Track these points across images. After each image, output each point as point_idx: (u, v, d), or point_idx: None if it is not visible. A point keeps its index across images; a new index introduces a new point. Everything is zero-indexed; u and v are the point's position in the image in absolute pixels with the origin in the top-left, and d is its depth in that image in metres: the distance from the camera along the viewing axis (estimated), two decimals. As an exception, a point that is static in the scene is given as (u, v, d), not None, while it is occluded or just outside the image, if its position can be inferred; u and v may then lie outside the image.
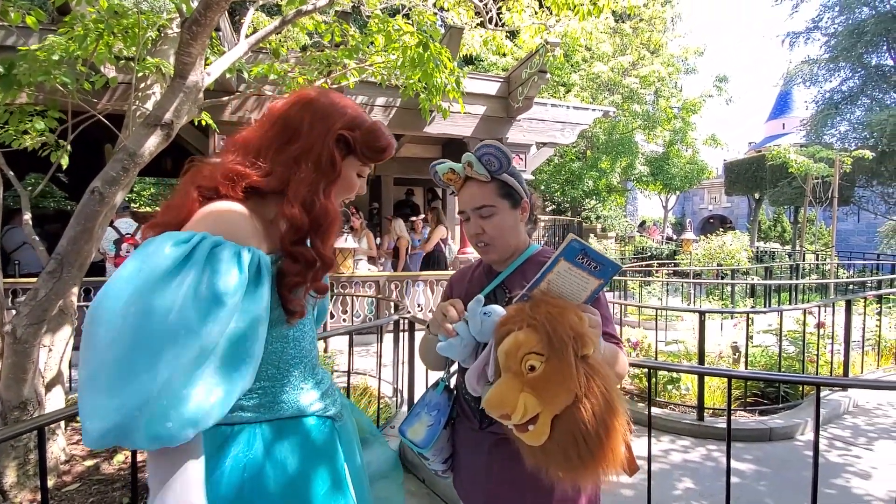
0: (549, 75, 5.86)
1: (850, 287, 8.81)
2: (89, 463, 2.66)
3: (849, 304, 4.26)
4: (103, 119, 3.03)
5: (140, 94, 3.02)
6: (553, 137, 7.08)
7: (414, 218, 8.21)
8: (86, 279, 2.75)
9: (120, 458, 2.72)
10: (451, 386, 1.32)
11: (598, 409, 0.84)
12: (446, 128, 6.35)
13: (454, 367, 1.31)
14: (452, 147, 8.85)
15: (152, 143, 2.25)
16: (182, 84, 2.20)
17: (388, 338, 3.79)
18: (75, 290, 2.60)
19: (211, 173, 0.87)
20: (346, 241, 6.09)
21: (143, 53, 2.86)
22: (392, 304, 5.60)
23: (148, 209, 19.91)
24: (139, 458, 2.64)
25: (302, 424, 0.92)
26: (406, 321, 3.31)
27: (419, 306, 6.82)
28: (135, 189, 19.31)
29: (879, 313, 5.03)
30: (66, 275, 2.27)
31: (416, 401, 1.31)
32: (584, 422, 0.83)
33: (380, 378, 3.54)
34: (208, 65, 2.61)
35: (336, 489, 0.91)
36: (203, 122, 3.52)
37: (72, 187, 11.30)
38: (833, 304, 4.67)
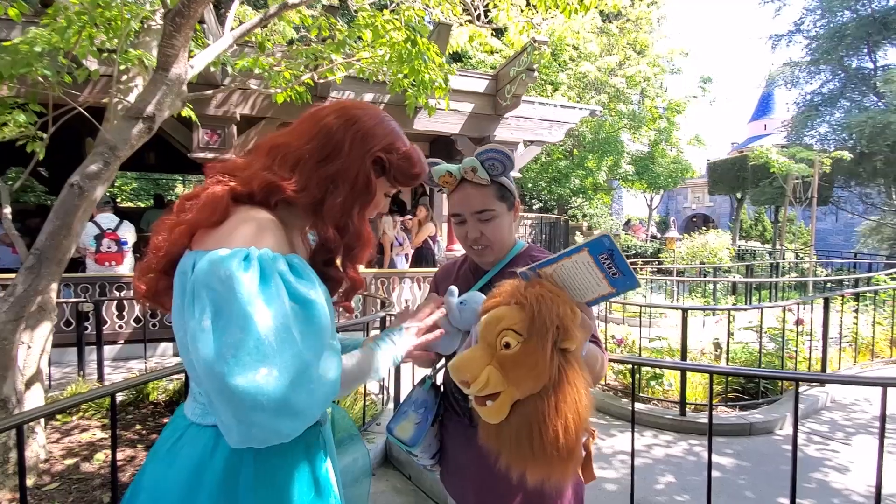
0: (536, 73, 5.88)
1: (828, 285, 9.01)
2: (69, 462, 2.62)
3: (827, 301, 4.37)
4: (84, 112, 2.96)
5: (122, 86, 2.96)
6: (540, 136, 7.12)
7: (401, 218, 8.19)
8: (65, 275, 2.70)
9: (100, 456, 2.68)
10: (438, 383, 1.33)
11: (562, 406, 0.80)
12: (434, 125, 6.34)
13: (440, 364, 1.31)
14: (440, 144, 8.84)
15: (134, 137, 2.22)
16: (165, 76, 2.17)
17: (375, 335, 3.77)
18: (54, 285, 2.54)
19: (245, 178, 0.86)
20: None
21: (125, 45, 2.81)
22: (378, 300, 5.58)
23: (130, 204, 19.56)
24: (119, 456, 2.61)
25: None
26: (393, 318, 3.31)
27: (406, 302, 6.81)
28: (116, 184, 18.95)
29: (856, 311, 5.16)
30: (45, 270, 2.22)
31: (402, 399, 1.30)
32: (544, 414, 0.80)
33: (366, 375, 3.53)
34: (192, 57, 2.58)
35: (321, 495, 0.91)
36: (184, 114, 3.46)
37: (52, 182, 11.04)
38: (812, 301, 4.78)
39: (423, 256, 7.50)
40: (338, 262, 0.98)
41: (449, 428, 1.27)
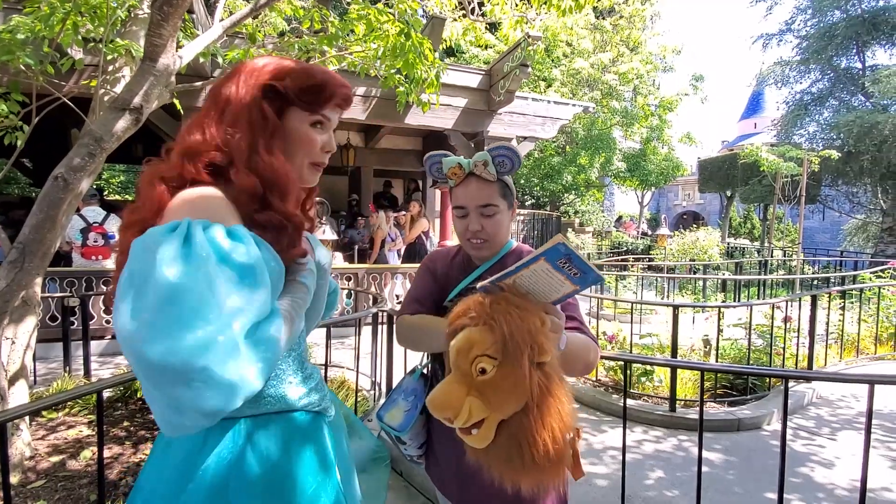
0: (530, 69, 5.86)
1: (815, 282, 9.15)
2: (55, 459, 2.58)
3: (814, 299, 4.42)
4: (69, 102, 2.90)
5: (109, 77, 2.90)
6: (534, 132, 7.11)
7: (395, 214, 8.17)
8: (50, 269, 2.65)
9: (87, 454, 2.64)
10: (427, 373, 1.34)
11: (547, 420, 0.80)
12: (427, 120, 6.31)
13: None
14: (432, 139, 8.80)
15: (120, 128, 2.17)
16: (152, 67, 2.12)
17: (366, 331, 3.76)
18: (39, 280, 2.49)
19: (171, 165, 0.86)
20: (324, 233, 6.02)
21: (111, 35, 2.75)
22: (371, 296, 5.56)
23: (118, 197, 19.31)
24: (106, 454, 2.57)
25: (290, 419, 0.90)
26: (384, 314, 3.29)
27: (397, 298, 6.79)
28: (103, 176, 18.71)
29: (843, 308, 5.23)
30: (29, 264, 2.18)
31: (393, 388, 1.31)
32: (531, 431, 0.80)
33: (358, 371, 3.51)
34: (180, 48, 2.53)
35: (323, 487, 0.89)
36: (176, 106, 3.40)
37: (36, 173, 10.89)
38: (799, 298, 4.83)
39: (415, 252, 7.49)
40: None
41: (435, 420, 1.28)
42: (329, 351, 3.12)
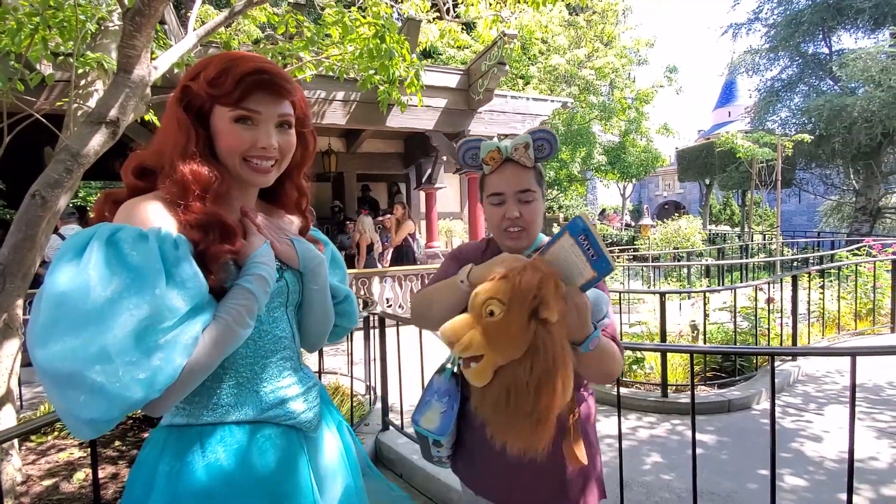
0: (507, 67, 5.90)
1: (795, 264, 9.33)
2: (48, 483, 2.52)
3: (795, 279, 4.52)
4: (42, 119, 2.84)
5: (81, 91, 2.85)
6: (514, 129, 7.16)
7: (381, 217, 8.15)
8: (31, 291, 2.59)
9: (80, 476, 2.59)
10: (457, 371, 1.26)
11: (536, 372, 0.84)
12: (408, 121, 6.32)
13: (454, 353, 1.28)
14: (414, 141, 8.80)
15: (97, 143, 2.13)
16: (127, 79, 2.10)
17: (358, 335, 3.75)
18: (20, 302, 2.43)
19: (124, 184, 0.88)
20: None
21: (81, 48, 2.70)
22: (361, 301, 5.54)
23: (95, 215, 18.83)
24: (100, 474, 2.53)
25: (253, 430, 0.87)
26: (376, 317, 3.28)
27: (388, 301, 6.78)
28: (80, 194, 18.28)
29: (822, 287, 5.37)
30: (10, 286, 2.13)
31: (423, 389, 1.25)
32: (520, 378, 0.85)
33: (352, 376, 3.50)
34: (154, 59, 2.50)
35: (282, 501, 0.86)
36: (148, 119, 3.35)
37: (9, 194, 10.60)
38: (781, 280, 4.94)
39: (403, 254, 7.48)
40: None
41: (468, 416, 1.20)
42: (322, 357, 3.11)
